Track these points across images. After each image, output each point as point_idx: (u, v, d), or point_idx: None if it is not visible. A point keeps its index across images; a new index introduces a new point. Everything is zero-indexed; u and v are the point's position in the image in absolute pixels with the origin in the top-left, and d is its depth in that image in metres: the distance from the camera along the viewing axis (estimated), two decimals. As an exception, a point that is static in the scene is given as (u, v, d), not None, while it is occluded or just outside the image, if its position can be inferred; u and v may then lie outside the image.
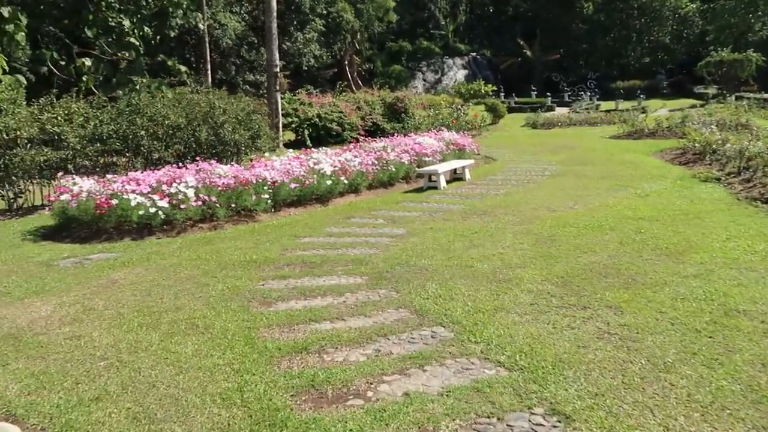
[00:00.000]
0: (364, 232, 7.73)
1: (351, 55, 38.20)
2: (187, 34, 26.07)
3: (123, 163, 11.29)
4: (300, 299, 5.11)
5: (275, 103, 20.28)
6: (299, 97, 23.32)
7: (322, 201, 9.84)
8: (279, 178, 9.11)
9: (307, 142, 21.05)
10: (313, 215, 9.02)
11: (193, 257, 6.66)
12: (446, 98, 31.75)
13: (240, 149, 13.47)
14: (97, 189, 8.16)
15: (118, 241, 7.64)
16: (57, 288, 5.66)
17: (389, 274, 5.68)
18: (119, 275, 6.03)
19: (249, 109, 13.87)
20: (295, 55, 31.55)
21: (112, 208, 7.73)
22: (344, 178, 10.06)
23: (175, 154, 11.97)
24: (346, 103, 23.59)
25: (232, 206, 8.38)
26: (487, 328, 4.21)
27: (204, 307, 4.92)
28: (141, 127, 11.28)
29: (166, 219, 7.90)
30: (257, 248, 6.97)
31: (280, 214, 9.04)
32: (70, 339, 4.31)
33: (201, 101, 12.77)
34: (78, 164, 10.81)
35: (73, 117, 10.51)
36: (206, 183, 8.44)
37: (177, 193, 8.04)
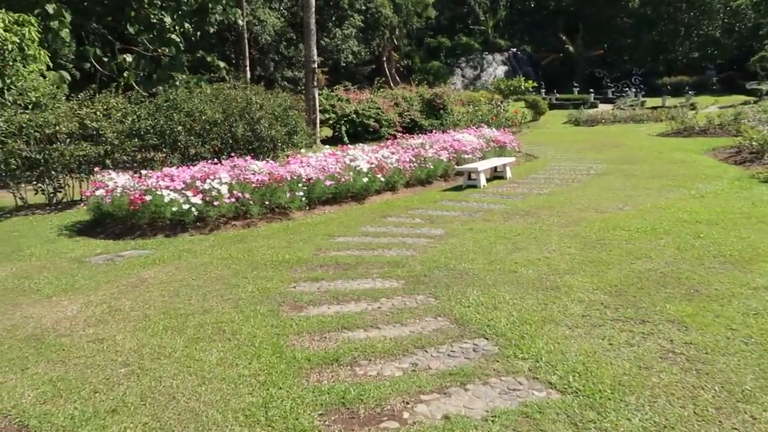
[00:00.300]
0: (401, 232, 7.40)
1: (389, 51, 37.87)
2: (227, 31, 26.18)
3: (160, 159, 11.23)
4: (332, 304, 4.81)
5: (313, 99, 20.12)
6: (337, 93, 23.12)
7: (358, 199, 9.55)
8: (314, 175, 8.85)
9: (344, 139, 20.84)
10: (349, 214, 8.73)
11: (225, 256, 6.44)
12: (485, 95, 31.13)
13: (276, 145, 13.30)
14: (132, 185, 8.05)
15: (151, 238, 7.50)
16: (86, 286, 5.50)
17: (427, 278, 5.34)
18: (149, 274, 5.85)
19: (286, 104, 13.70)
20: (333, 51, 31.43)
21: (146, 205, 7.60)
22: (381, 175, 9.75)
23: (211, 150, 11.87)
24: (383, 99, 23.28)
25: (266, 204, 8.16)
26: (534, 342, 3.82)
27: (232, 311, 4.67)
28: (178, 123, 11.20)
29: (199, 216, 7.72)
30: (290, 247, 6.71)
31: (315, 212, 8.78)
32: (93, 342, 4.11)
33: (238, 97, 12.63)
34: (116, 159, 10.79)
35: (112, 112, 10.48)
36: (240, 179, 8.24)
37: (210, 189, 7.85)
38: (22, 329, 4.38)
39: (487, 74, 43.55)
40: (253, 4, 26.51)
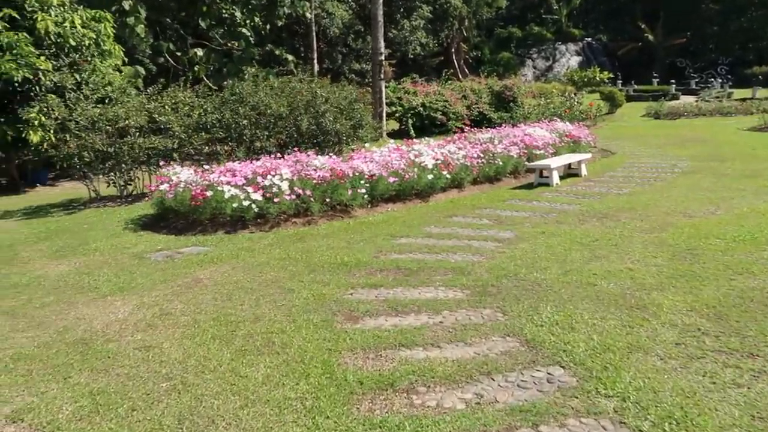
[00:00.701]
0: (467, 234, 6.92)
1: (458, 43, 37.03)
2: (296, 24, 26.24)
3: (226, 152, 11.20)
4: (390, 315, 4.42)
5: (379, 91, 19.79)
6: (404, 85, 22.71)
7: (422, 196, 9.11)
8: (377, 172, 8.49)
9: (411, 132, 20.41)
10: (412, 212, 8.32)
11: (283, 256, 6.18)
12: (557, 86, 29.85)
13: (341, 139, 13.05)
14: (195, 179, 7.96)
15: (211, 234, 7.37)
16: (142, 285, 5.37)
17: (495, 289, 4.86)
18: (205, 273, 5.66)
19: (351, 97, 13.42)
20: (401, 43, 30.98)
21: (207, 200, 7.47)
22: (447, 172, 9.27)
23: (276, 144, 11.75)
24: (451, 91, 22.67)
25: (327, 201, 7.87)
26: (620, 374, 3.29)
27: (284, 319, 4.37)
28: (243, 116, 11.12)
29: (259, 212, 7.53)
30: (350, 248, 6.38)
31: (377, 210, 8.42)
32: (139, 349, 3.91)
33: (303, 90, 12.45)
34: (184, 153, 10.84)
35: (179, 106, 10.51)
36: (301, 175, 7.98)
37: (271, 185, 7.64)
38: (72, 332, 4.25)
39: (560, 65, 41.87)
40: (322, -4, 26.44)
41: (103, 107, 9.73)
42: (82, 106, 9.82)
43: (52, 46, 12.22)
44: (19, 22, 12.07)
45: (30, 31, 11.98)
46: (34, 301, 5.01)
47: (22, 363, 3.74)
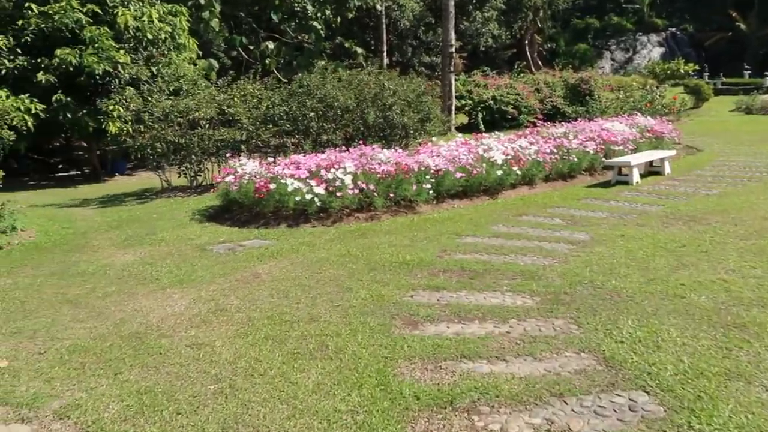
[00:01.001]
0: (538, 235, 6.47)
1: (532, 34, 35.85)
2: (366, 17, 26.13)
3: (293, 145, 11.15)
4: (453, 321, 4.10)
5: (449, 84, 19.35)
6: (474, 78, 22.14)
7: (490, 193, 8.69)
8: (443, 167, 8.14)
9: (480, 126, 19.85)
10: (479, 210, 7.92)
11: (343, 252, 5.97)
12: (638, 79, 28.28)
13: (408, 133, 12.77)
14: (259, 172, 7.89)
15: (274, 227, 7.27)
16: (201, 278, 5.30)
17: (568, 297, 4.44)
18: (264, 268, 5.53)
19: (419, 90, 13.10)
20: (473, 35, 30.29)
21: (270, 193, 7.38)
22: (517, 168, 8.79)
23: (343, 137, 11.60)
24: (523, 84, 21.89)
25: (391, 196, 7.61)
26: (717, 407, 2.84)
27: (340, 321, 4.14)
28: (311, 109, 11.03)
29: (322, 206, 7.36)
30: (412, 247, 6.09)
31: (443, 206, 8.08)
32: (191, 347, 3.78)
33: (371, 82, 12.23)
34: (252, 145, 10.88)
35: (248, 98, 10.54)
36: (366, 169, 7.76)
37: (334, 179, 7.46)
38: (128, 324, 4.19)
39: (640, 57, 39.77)
40: (393, -11, 26.17)
41: (175, 99, 9.89)
42: (156, 98, 10.02)
43: (131, 40, 12.59)
44: (102, 17, 12.50)
45: (111, 25, 12.38)
46: (98, 291, 5.03)
47: (76, 355, 3.69)
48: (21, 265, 6.00)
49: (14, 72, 11.71)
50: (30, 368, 3.53)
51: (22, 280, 5.43)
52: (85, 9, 12.09)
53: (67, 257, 6.26)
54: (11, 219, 7.20)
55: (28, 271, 5.76)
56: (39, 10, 11.73)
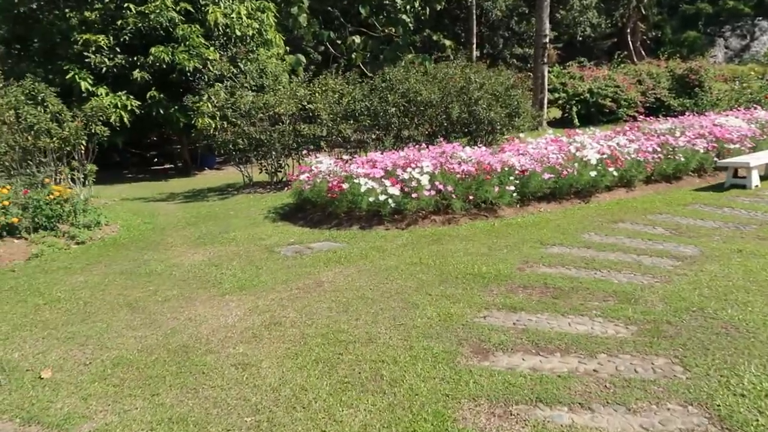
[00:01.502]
0: (636, 247, 5.67)
1: (635, 22, 33.41)
2: (456, 8, 25.34)
3: (373, 141, 10.80)
4: (530, 352, 3.52)
5: (541, 77, 18.30)
6: (569, 70, 20.83)
7: (582, 196, 7.87)
8: (529, 166, 7.44)
9: (574, 121, 18.65)
10: (569, 215, 7.16)
11: (414, 260, 5.50)
12: (756, 68, 25.54)
13: (495, 128, 12.06)
14: (334, 170, 7.57)
15: (346, 229, 6.92)
16: (263, 284, 5.01)
17: (671, 329, 3.72)
18: (328, 275, 5.17)
19: (508, 83, 12.33)
20: (569, 24, 28.62)
21: (343, 193, 7.03)
22: (613, 168, 7.90)
23: (425, 133, 11.11)
24: (624, 76, 20.32)
25: (470, 198, 7.02)
26: None
27: (400, 344, 3.67)
28: (392, 104, 10.61)
29: (396, 208, 6.92)
30: (490, 256, 5.51)
31: (528, 210, 7.39)
32: (235, 367, 3.46)
33: (456, 75, 11.63)
34: (332, 141, 10.64)
35: (328, 94, 10.28)
36: (444, 169, 7.22)
37: (410, 179, 6.98)
38: (178, 336, 3.95)
39: (760, 44, 36.04)
40: (485, -22, 25.18)
41: (257, 95, 9.81)
42: (239, 94, 9.99)
43: (220, 37, 12.73)
44: (194, 15, 12.72)
45: (202, 23, 12.58)
46: (159, 294, 4.87)
47: (119, 369, 3.47)
48: (96, 261, 6.01)
49: (113, 70, 12.16)
50: (71, 381, 3.35)
51: (93, 278, 5.40)
52: (179, 8, 12.34)
53: (140, 255, 6.22)
54: (95, 214, 7.33)
55: (101, 268, 5.74)
56: (137, 9, 12.10)
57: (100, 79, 12.16)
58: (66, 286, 5.17)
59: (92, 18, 12.33)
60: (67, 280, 5.36)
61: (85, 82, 11.83)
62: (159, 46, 12.05)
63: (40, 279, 5.41)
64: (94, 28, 12.34)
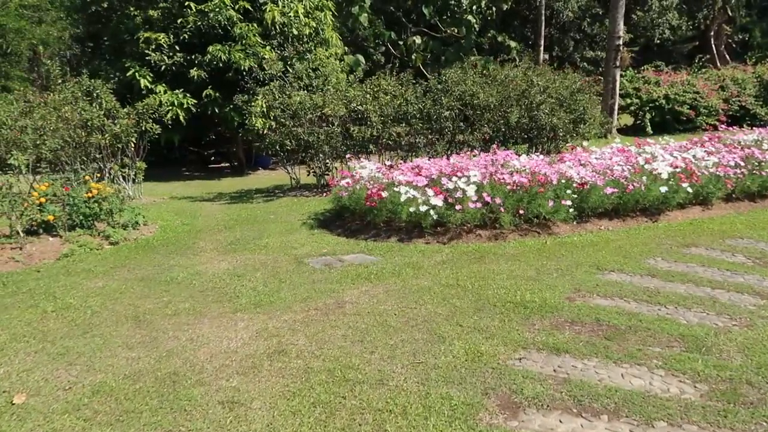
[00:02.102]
0: (711, 278, 4.85)
1: (719, 24, 31.10)
2: (526, 9, 24.30)
3: (425, 145, 10.23)
4: (570, 412, 2.88)
5: (612, 81, 17.14)
6: (644, 74, 19.47)
7: (650, 214, 7.01)
8: (590, 179, 6.67)
9: (647, 128, 17.40)
10: (632, 235, 6.34)
11: (450, 281, 4.91)
12: None
13: (557, 135, 11.23)
14: (376, 176, 7.07)
15: (383, 240, 6.40)
16: (280, 301, 4.57)
17: (754, 392, 2.98)
18: (353, 295, 4.66)
19: (574, 87, 11.47)
20: (646, 27, 26.93)
21: (382, 201, 6.51)
22: (688, 184, 6.98)
23: (481, 138, 10.44)
24: (704, 81, 18.78)
25: (521, 212, 6.33)
26: None
27: (415, 389, 3.11)
28: (446, 107, 10.00)
29: (438, 220, 6.33)
30: (537, 281, 4.84)
31: (586, 227, 6.62)
32: (222, 405, 3.01)
33: (518, 78, 10.89)
34: (382, 144, 10.15)
35: (380, 95, 9.79)
36: (493, 179, 6.56)
37: (455, 189, 6.37)
38: (173, 360, 3.55)
39: None
40: (557, -22, 24.01)
41: (304, 95, 9.46)
42: (288, 93, 9.67)
43: (277, 36, 12.52)
44: (252, 14, 12.57)
45: (260, 21, 12.40)
46: (170, 306, 4.52)
47: (96, 399, 3.09)
48: (121, 265, 5.77)
49: (172, 68, 12.17)
50: (41, 410, 3.00)
51: (111, 284, 5.13)
52: (237, 6, 12.21)
53: (167, 260, 5.94)
54: (133, 214, 7.15)
55: (123, 273, 5.48)
56: (197, 8, 12.06)
57: (159, 76, 12.21)
58: (82, 291, 4.91)
59: (155, 16, 12.40)
60: (85, 284, 5.11)
61: (145, 79, 11.90)
62: (216, 44, 11.96)
63: (61, 281, 5.20)
64: (156, 26, 12.42)
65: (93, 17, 14.96)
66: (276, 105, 9.69)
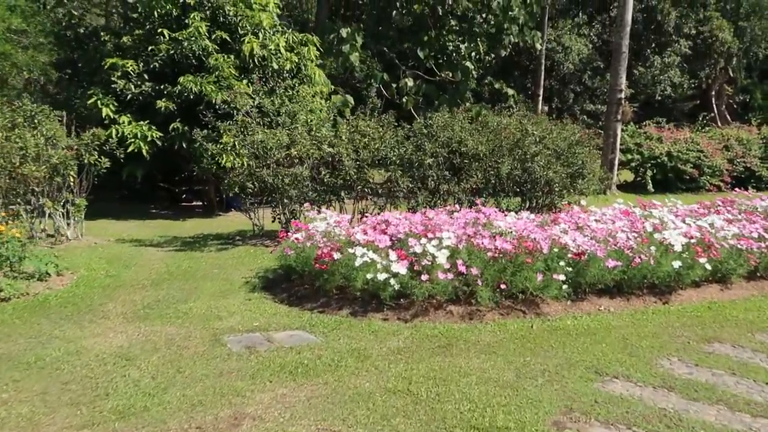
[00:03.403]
0: (747, 395, 3.57)
1: (720, 84, 30.52)
2: (527, 59, 23.60)
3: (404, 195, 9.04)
4: None
5: (613, 135, 16.14)
6: (646, 129, 18.51)
7: (659, 292, 5.75)
8: (588, 248, 5.43)
9: (649, 186, 16.31)
10: (639, 320, 5.07)
11: (400, 385, 3.62)
12: None
13: (553, 190, 10.06)
14: (333, 231, 5.83)
15: (333, 313, 5.12)
16: (158, 408, 3.27)
17: None
18: (261, 404, 3.36)
19: (573, 139, 10.37)
20: (647, 83, 26.18)
21: (335, 264, 5.26)
22: (705, 260, 5.74)
23: (469, 189, 9.27)
24: (708, 140, 17.80)
25: (503, 287, 5.07)
26: None
27: None
28: (430, 154, 8.85)
29: (401, 291, 5.07)
30: (516, 391, 3.55)
31: (582, 307, 5.35)
32: None
33: (511, 126, 9.79)
34: (357, 191, 8.97)
35: (354, 136, 8.67)
36: (471, 243, 5.33)
37: (423, 253, 5.13)
38: None
39: None
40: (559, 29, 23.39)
41: (269, 133, 8.32)
42: (250, 130, 8.54)
43: (255, 70, 11.51)
44: (231, 46, 11.61)
45: (239, 54, 11.43)
46: (5, 409, 3.21)
47: None
48: (-8, 332, 4.48)
49: (139, 98, 11.13)
50: None
51: (-46, 363, 3.83)
52: (214, 36, 11.25)
53: (53, 327, 4.65)
54: (41, 263, 5.89)
55: (-15, 345, 4.19)
56: (170, 35, 11.09)
57: (126, 106, 11.15)
58: None
59: (128, 43, 11.44)
60: None
61: (107, 108, 10.82)
62: (188, 75, 10.93)
63: None
64: (129, 53, 11.44)
65: (71, 42, 14.08)
66: (241, 143, 8.54)
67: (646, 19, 25.29)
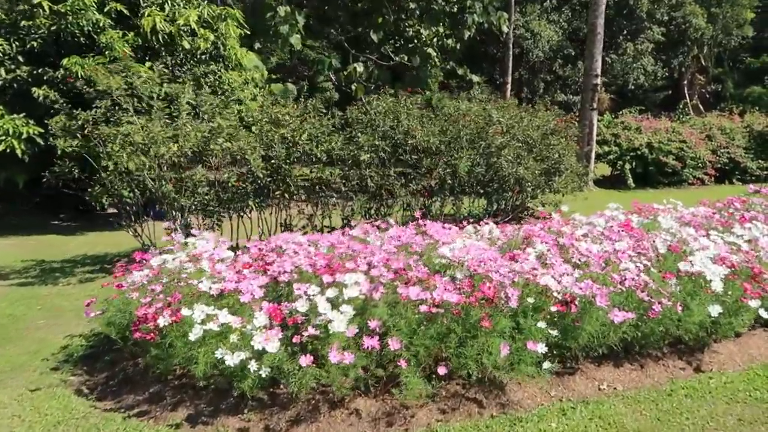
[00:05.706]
0: None
1: (693, 73, 29.07)
2: (494, 48, 21.61)
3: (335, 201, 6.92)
4: None
5: (589, 125, 14.23)
6: (623, 119, 16.68)
7: (687, 351, 3.72)
8: (581, 292, 3.35)
9: (629, 181, 14.46)
10: (665, 412, 3.00)
11: None
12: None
13: (524, 189, 8.07)
14: (184, 269, 3.65)
15: (161, 419, 2.96)
16: None
17: None
18: None
19: (547, 128, 8.39)
20: (618, 74, 24.48)
21: (164, 334, 3.08)
22: (759, 302, 3.70)
23: (418, 192, 7.20)
24: (690, 130, 16.03)
25: (444, 367, 2.96)
26: None
27: None
28: (368, 149, 6.72)
29: (275, 377, 2.92)
30: None
31: (573, 387, 3.28)
32: None
33: (472, 112, 7.72)
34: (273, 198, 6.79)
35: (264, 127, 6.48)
36: (394, 289, 3.20)
37: (312, 312, 2.98)
38: None
39: (836, 103, 30.97)
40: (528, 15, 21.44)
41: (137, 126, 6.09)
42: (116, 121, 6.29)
43: (162, 50, 9.22)
44: (132, 21, 9.29)
45: (140, 30, 9.12)
46: None
47: None
48: None
49: (13, 85, 8.76)
50: None
51: None
52: (107, 8, 8.92)
53: None
54: None
55: None
56: (52, 9, 8.73)
57: (-1, 95, 8.79)
58: None
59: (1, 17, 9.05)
60: None
61: (-31, 98, 8.45)
62: (74, 56, 8.60)
63: None
64: (3, 29, 9.05)
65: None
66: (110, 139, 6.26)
67: (618, 5, 23.50)
